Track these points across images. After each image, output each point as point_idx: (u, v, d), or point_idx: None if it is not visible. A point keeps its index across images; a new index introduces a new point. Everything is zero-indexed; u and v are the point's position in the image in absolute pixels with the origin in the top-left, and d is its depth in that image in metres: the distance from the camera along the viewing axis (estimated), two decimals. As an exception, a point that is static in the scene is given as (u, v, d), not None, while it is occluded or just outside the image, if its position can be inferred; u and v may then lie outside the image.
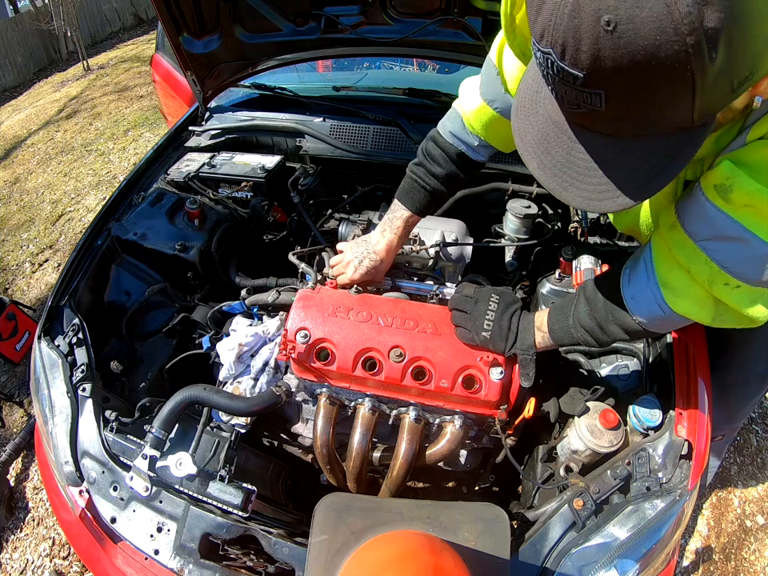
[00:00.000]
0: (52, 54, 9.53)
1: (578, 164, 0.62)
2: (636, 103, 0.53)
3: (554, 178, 0.65)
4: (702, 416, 1.08)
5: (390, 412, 1.21)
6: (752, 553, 1.95)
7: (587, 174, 0.62)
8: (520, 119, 0.69)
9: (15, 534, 2.14)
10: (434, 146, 1.20)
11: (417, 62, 2.40)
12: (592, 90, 0.52)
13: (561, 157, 0.64)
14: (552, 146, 0.64)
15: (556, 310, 1.03)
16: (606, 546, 0.99)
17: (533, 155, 0.67)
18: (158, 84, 3.35)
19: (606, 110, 0.53)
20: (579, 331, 0.97)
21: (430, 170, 1.20)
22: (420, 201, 1.23)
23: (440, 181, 1.20)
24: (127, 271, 1.62)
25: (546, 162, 0.66)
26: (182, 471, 1.06)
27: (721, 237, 0.69)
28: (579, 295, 0.98)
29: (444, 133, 1.18)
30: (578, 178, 0.63)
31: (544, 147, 0.65)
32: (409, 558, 0.77)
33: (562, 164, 0.64)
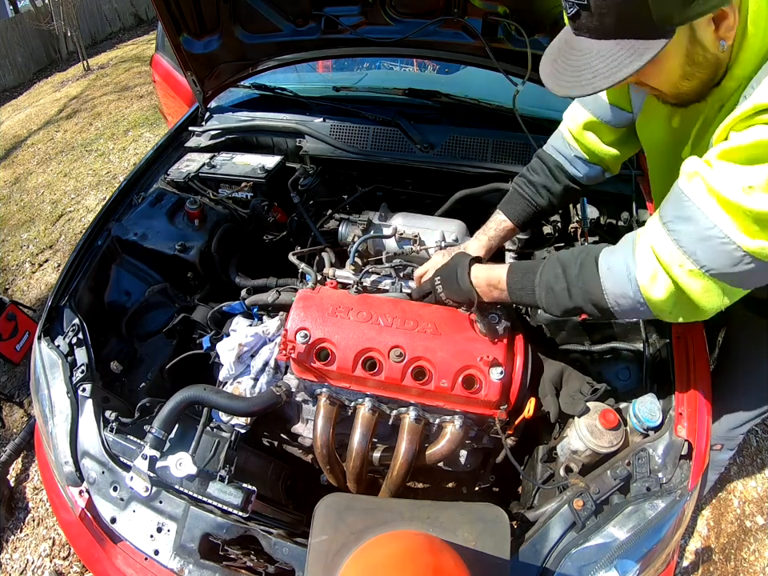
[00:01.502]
0: (52, 53, 9.52)
1: (571, 65, 0.80)
2: None
3: (552, 77, 0.84)
4: (702, 416, 1.08)
5: (390, 412, 1.21)
6: (752, 553, 1.95)
7: (576, 70, 0.79)
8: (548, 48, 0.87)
9: (15, 534, 2.14)
10: (536, 159, 1.30)
11: (417, 62, 2.40)
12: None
13: (562, 62, 0.82)
14: (558, 57, 0.83)
15: (518, 269, 1.04)
16: (606, 546, 0.99)
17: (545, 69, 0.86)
18: (158, 84, 3.35)
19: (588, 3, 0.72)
20: (543, 290, 0.97)
21: (528, 178, 1.28)
22: (516, 208, 1.29)
23: (536, 190, 1.26)
24: (127, 271, 1.62)
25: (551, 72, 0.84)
26: (182, 471, 1.06)
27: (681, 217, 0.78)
28: (551, 258, 0.99)
29: (547, 148, 1.28)
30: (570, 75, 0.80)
31: (553, 59, 0.85)
32: (409, 557, 0.77)
33: (561, 67, 0.82)
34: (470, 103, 1.92)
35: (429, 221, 1.59)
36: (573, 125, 1.20)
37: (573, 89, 0.80)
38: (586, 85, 0.78)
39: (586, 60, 0.78)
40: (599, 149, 1.19)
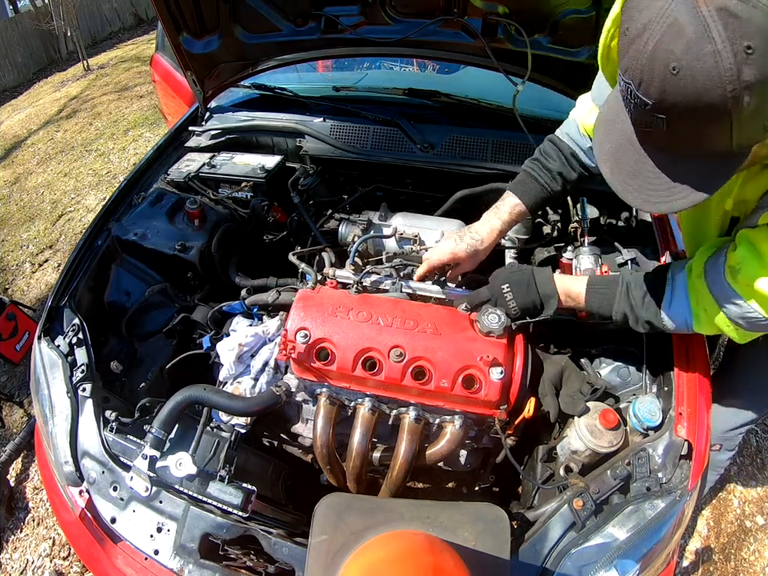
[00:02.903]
0: (52, 53, 9.52)
1: (642, 173, 0.79)
2: (689, 128, 0.69)
3: (621, 182, 0.82)
4: (702, 416, 1.08)
5: (390, 412, 1.21)
6: (751, 553, 1.95)
7: (649, 181, 0.78)
8: (600, 132, 0.87)
9: (15, 534, 2.14)
10: (550, 144, 1.29)
11: (417, 62, 2.40)
12: (657, 115, 0.69)
13: (629, 166, 0.80)
14: (622, 157, 0.81)
15: (597, 292, 1.13)
16: (606, 546, 0.99)
17: (606, 162, 0.85)
18: (158, 84, 3.35)
19: (667, 131, 0.70)
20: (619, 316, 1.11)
21: (544, 164, 1.28)
22: (531, 192, 1.28)
23: (552, 176, 1.27)
24: (127, 271, 1.62)
25: (615, 169, 0.83)
26: (181, 471, 1.06)
27: (728, 301, 0.93)
28: (622, 292, 1.10)
29: (560, 134, 1.28)
30: (642, 184, 0.79)
31: (616, 157, 0.83)
32: (409, 557, 0.77)
33: (629, 172, 0.81)
34: (470, 103, 1.92)
35: (429, 221, 1.59)
36: (586, 119, 1.20)
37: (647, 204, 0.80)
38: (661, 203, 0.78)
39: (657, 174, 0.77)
40: None
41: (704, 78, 0.63)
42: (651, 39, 0.66)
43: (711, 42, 0.61)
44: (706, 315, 0.99)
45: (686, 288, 1.02)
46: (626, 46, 0.70)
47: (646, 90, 0.68)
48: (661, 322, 1.06)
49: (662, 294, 1.05)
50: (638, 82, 0.68)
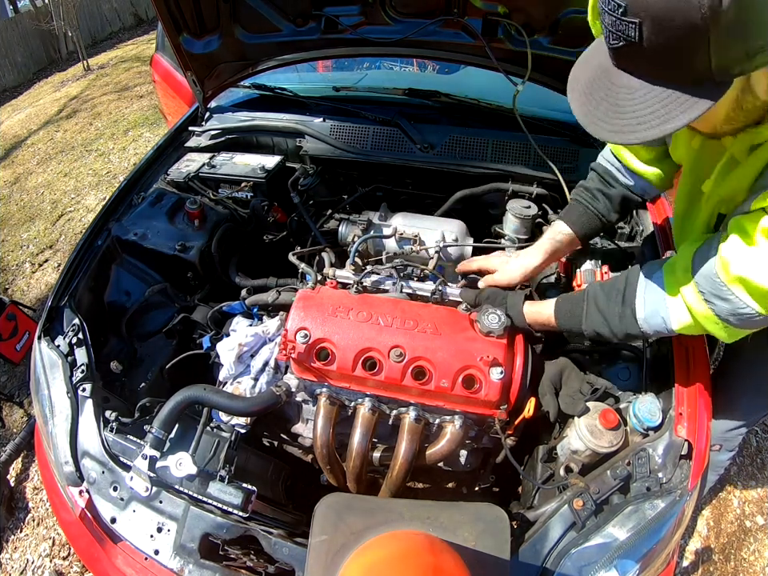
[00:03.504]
0: (52, 53, 9.52)
1: (611, 102, 0.73)
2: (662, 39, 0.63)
3: (588, 114, 0.77)
4: (702, 416, 1.08)
5: (390, 412, 1.21)
6: (751, 553, 1.95)
7: (618, 112, 0.72)
8: (577, 68, 0.82)
9: (15, 534, 2.14)
10: (590, 171, 1.31)
11: (417, 62, 2.40)
12: (630, 19, 0.63)
13: (599, 97, 0.75)
14: (595, 89, 0.76)
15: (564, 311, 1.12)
16: (606, 546, 0.99)
17: (578, 97, 0.79)
18: (158, 84, 3.35)
19: (639, 42, 0.65)
20: (591, 333, 1.09)
21: (584, 185, 1.31)
22: (574, 214, 1.29)
23: (592, 194, 1.28)
24: (127, 271, 1.62)
25: (584, 101, 0.78)
26: (182, 471, 1.06)
27: (718, 296, 0.86)
28: (590, 303, 1.07)
29: (599, 158, 1.30)
30: (609, 114, 0.73)
31: (588, 90, 0.77)
32: (409, 557, 0.77)
33: (598, 102, 0.75)
34: (470, 103, 1.92)
35: (429, 221, 1.59)
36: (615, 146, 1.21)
37: (616, 134, 0.74)
38: (630, 132, 0.72)
39: (631, 102, 0.71)
40: (637, 168, 1.20)
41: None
42: None
43: None
44: (689, 313, 0.93)
45: (662, 286, 0.96)
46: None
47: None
48: (638, 328, 1.01)
49: (633, 300, 1.00)
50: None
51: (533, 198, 1.67)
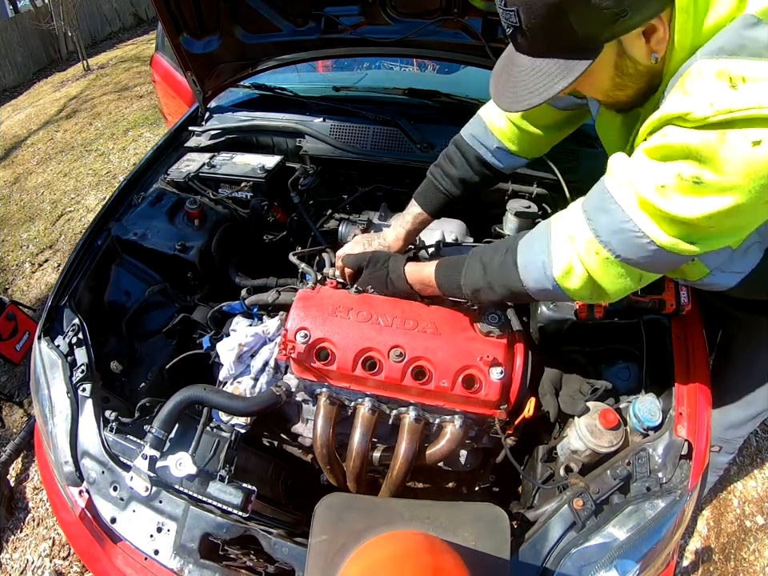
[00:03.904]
0: (52, 53, 9.52)
1: (510, 79, 0.85)
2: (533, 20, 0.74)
3: (496, 92, 0.88)
4: (702, 416, 1.08)
5: (390, 412, 1.21)
6: (751, 553, 1.95)
7: (514, 86, 0.84)
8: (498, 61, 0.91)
9: (15, 534, 2.14)
10: (454, 149, 1.26)
11: (417, 61, 2.40)
12: (509, 8, 0.76)
13: (504, 77, 0.87)
14: (502, 72, 0.88)
15: (445, 268, 1.11)
16: (606, 546, 0.99)
17: (492, 82, 0.91)
18: (158, 84, 3.35)
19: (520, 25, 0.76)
20: (468, 288, 1.05)
21: (446, 170, 1.26)
22: (432, 200, 1.28)
23: (453, 183, 1.25)
24: (127, 271, 1.62)
25: (495, 83, 0.90)
26: (181, 471, 1.06)
27: (601, 208, 0.82)
28: (474, 256, 1.05)
29: (465, 135, 1.25)
30: (508, 89, 0.85)
31: (498, 73, 0.89)
32: (409, 557, 0.77)
33: (504, 81, 0.87)
34: (470, 103, 1.92)
35: (429, 221, 1.58)
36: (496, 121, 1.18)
37: (511, 104, 0.86)
38: (521, 101, 0.83)
39: (522, 77, 0.82)
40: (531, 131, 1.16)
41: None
42: None
43: None
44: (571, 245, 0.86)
45: (547, 225, 0.93)
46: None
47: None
48: (518, 277, 0.94)
49: (516, 244, 0.96)
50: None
51: (533, 197, 1.67)
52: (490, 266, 1.00)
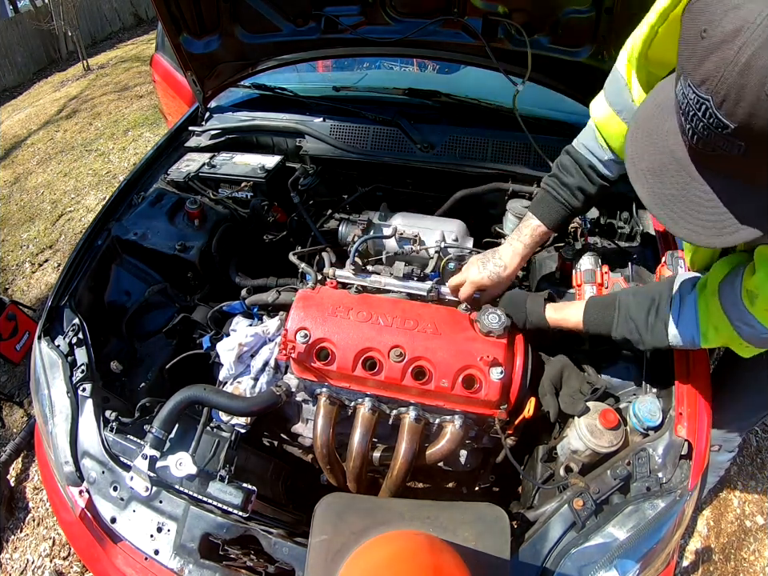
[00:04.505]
0: (52, 53, 9.51)
1: (692, 200, 0.67)
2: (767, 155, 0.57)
3: (663, 208, 0.70)
4: (702, 416, 1.08)
5: (390, 412, 1.21)
6: (751, 553, 1.95)
7: (698, 209, 0.66)
8: (636, 145, 0.73)
9: (15, 534, 2.14)
10: (567, 157, 1.23)
11: (417, 61, 2.40)
12: (736, 140, 0.57)
13: (675, 190, 0.68)
14: (667, 178, 0.69)
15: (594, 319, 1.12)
16: (606, 546, 0.99)
17: (644, 182, 0.72)
18: (158, 84, 3.35)
19: (742, 158, 0.58)
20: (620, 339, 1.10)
21: (562, 180, 1.22)
22: (551, 212, 1.24)
23: (571, 191, 1.21)
24: (127, 271, 1.62)
25: (657, 192, 0.70)
26: (182, 471, 1.06)
27: (744, 322, 0.90)
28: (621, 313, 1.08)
29: (577, 145, 1.22)
30: (689, 212, 0.67)
31: (658, 177, 0.70)
32: (409, 557, 0.77)
33: (674, 197, 0.68)
34: (470, 103, 1.92)
35: (429, 221, 1.59)
36: (604, 128, 1.14)
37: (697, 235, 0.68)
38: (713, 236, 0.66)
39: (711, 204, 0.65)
40: None
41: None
42: (745, 49, 0.52)
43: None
44: (716, 333, 0.96)
45: (695, 306, 0.98)
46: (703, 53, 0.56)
47: (729, 111, 0.55)
48: (667, 342, 1.03)
49: (667, 314, 1.01)
50: (720, 99, 0.55)
51: (533, 197, 1.67)
52: (641, 327, 1.05)
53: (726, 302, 0.92)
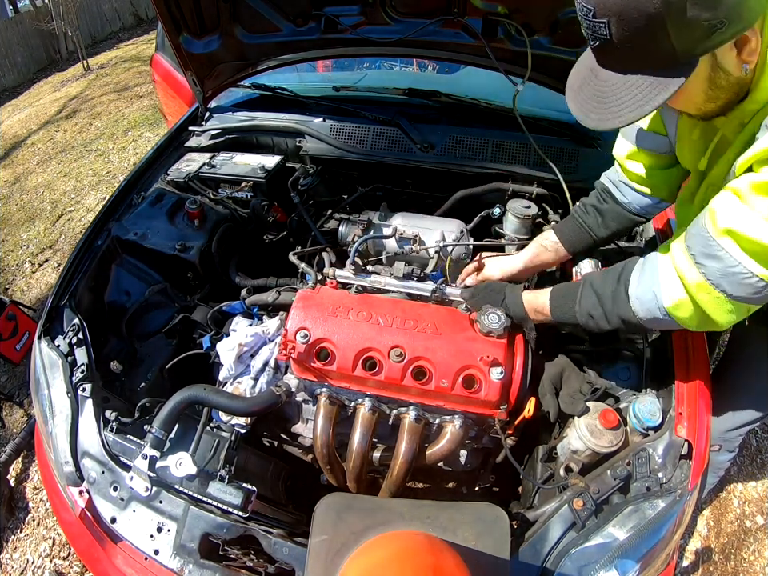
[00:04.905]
0: (52, 53, 9.51)
1: (597, 95, 0.82)
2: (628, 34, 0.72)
3: (580, 108, 0.85)
4: (702, 416, 1.08)
5: (390, 412, 1.21)
6: (751, 553, 1.95)
7: (602, 102, 0.81)
8: (572, 74, 0.90)
9: (15, 534, 2.14)
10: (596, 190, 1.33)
11: (417, 61, 2.40)
12: (599, 20, 0.73)
13: (588, 93, 0.84)
14: (584, 87, 0.85)
15: (559, 296, 1.12)
16: (606, 546, 0.99)
17: (572, 97, 0.88)
18: (158, 84, 3.35)
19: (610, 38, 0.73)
20: (584, 317, 1.06)
21: (582, 201, 1.34)
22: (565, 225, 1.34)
23: (586, 208, 1.31)
24: (127, 271, 1.62)
25: (578, 98, 0.86)
26: (182, 471, 1.06)
27: (709, 255, 0.83)
28: (585, 285, 1.07)
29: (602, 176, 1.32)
30: (595, 106, 0.82)
31: (579, 88, 0.86)
32: (409, 558, 0.77)
33: (588, 97, 0.84)
34: (470, 103, 1.92)
35: (429, 221, 1.59)
36: (620, 154, 1.22)
37: (602, 122, 0.82)
38: (613, 118, 0.80)
39: (612, 92, 0.79)
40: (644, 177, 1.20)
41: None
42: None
43: None
44: (681, 283, 0.89)
45: (655, 261, 0.95)
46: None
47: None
48: (630, 308, 0.97)
49: (628, 276, 0.99)
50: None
51: (533, 197, 1.67)
52: (604, 295, 1.02)
53: (690, 236, 0.88)
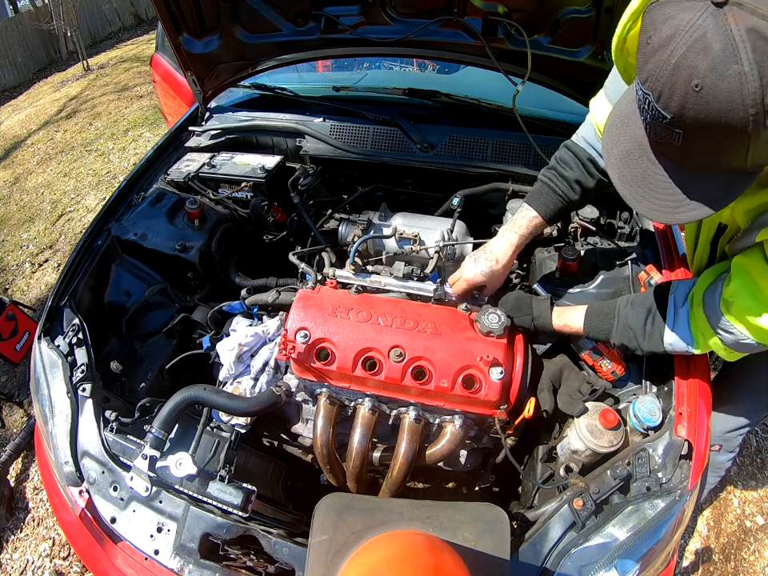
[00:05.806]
0: (52, 53, 9.51)
1: (651, 181, 0.78)
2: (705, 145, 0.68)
3: (629, 189, 0.81)
4: (702, 416, 1.08)
5: (390, 412, 1.21)
6: (751, 553, 1.95)
7: (658, 190, 0.78)
8: (611, 135, 0.85)
9: (15, 535, 2.14)
10: (566, 150, 1.24)
11: (417, 61, 2.40)
12: (674, 129, 0.68)
13: (638, 173, 0.79)
14: (632, 163, 0.80)
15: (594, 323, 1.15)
16: (606, 546, 0.99)
17: (615, 167, 0.83)
18: (158, 84, 3.35)
19: (682, 145, 0.69)
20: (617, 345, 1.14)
21: (561, 173, 1.23)
22: (548, 203, 1.24)
23: (569, 185, 1.22)
24: (127, 271, 1.62)
25: (625, 175, 0.82)
26: (182, 471, 1.06)
27: (724, 330, 0.97)
28: (620, 322, 1.12)
29: (577, 139, 1.24)
30: (650, 192, 0.78)
31: (626, 162, 0.81)
32: (409, 558, 0.77)
33: (638, 178, 0.80)
34: (470, 103, 1.92)
35: (429, 221, 1.59)
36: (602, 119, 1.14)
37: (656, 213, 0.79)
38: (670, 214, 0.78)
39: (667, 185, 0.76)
40: None
41: (727, 98, 0.62)
42: (676, 52, 0.64)
43: (738, 63, 0.60)
44: (703, 339, 1.03)
45: (687, 316, 1.04)
46: (647, 55, 0.68)
47: (665, 104, 0.67)
48: (663, 349, 1.08)
49: (663, 324, 1.06)
50: (657, 94, 0.67)
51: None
52: (639, 336, 1.09)
53: (708, 311, 0.99)
